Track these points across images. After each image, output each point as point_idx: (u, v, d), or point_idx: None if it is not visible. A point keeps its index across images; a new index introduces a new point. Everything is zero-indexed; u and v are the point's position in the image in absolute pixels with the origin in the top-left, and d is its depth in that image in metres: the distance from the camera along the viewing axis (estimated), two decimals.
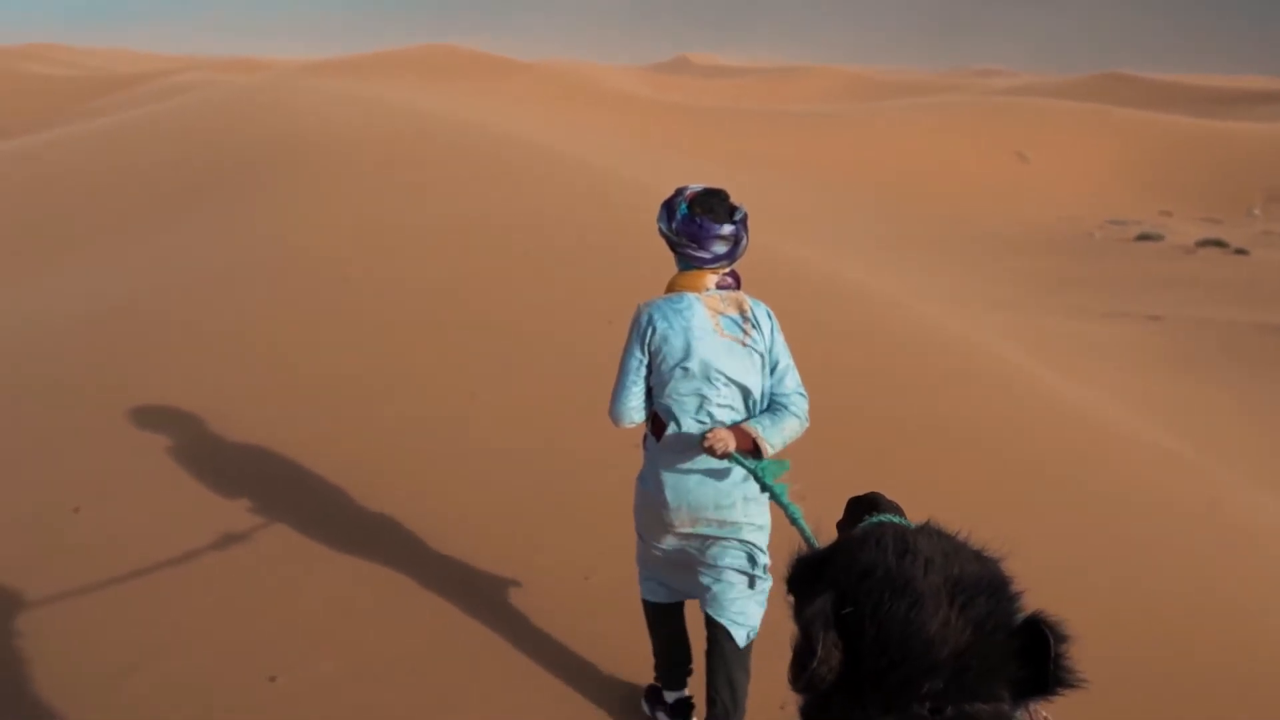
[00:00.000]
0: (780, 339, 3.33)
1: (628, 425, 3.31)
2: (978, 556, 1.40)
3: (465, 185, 10.78)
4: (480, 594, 4.25)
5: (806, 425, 3.27)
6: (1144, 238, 21.77)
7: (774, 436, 3.16)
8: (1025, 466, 6.09)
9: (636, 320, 3.27)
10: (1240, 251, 20.03)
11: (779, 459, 3.14)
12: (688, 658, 3.62)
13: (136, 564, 4.41)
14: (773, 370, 3.30)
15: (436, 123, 14.70)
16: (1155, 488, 6.22)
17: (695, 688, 3.63)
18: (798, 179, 25.05)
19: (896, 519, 1.65)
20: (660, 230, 3.31)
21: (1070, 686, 1.28)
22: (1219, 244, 20.63)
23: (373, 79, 24.76)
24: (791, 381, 3.30)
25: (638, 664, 3.83)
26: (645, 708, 3.72)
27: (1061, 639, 1.28)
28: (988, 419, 6.80)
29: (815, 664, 1.27)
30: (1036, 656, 1.28)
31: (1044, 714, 1.37)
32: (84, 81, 40.78)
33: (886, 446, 6.07)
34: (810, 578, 1.43)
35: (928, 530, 1.45)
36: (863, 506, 1.78)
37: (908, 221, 22.34)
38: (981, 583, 1.32)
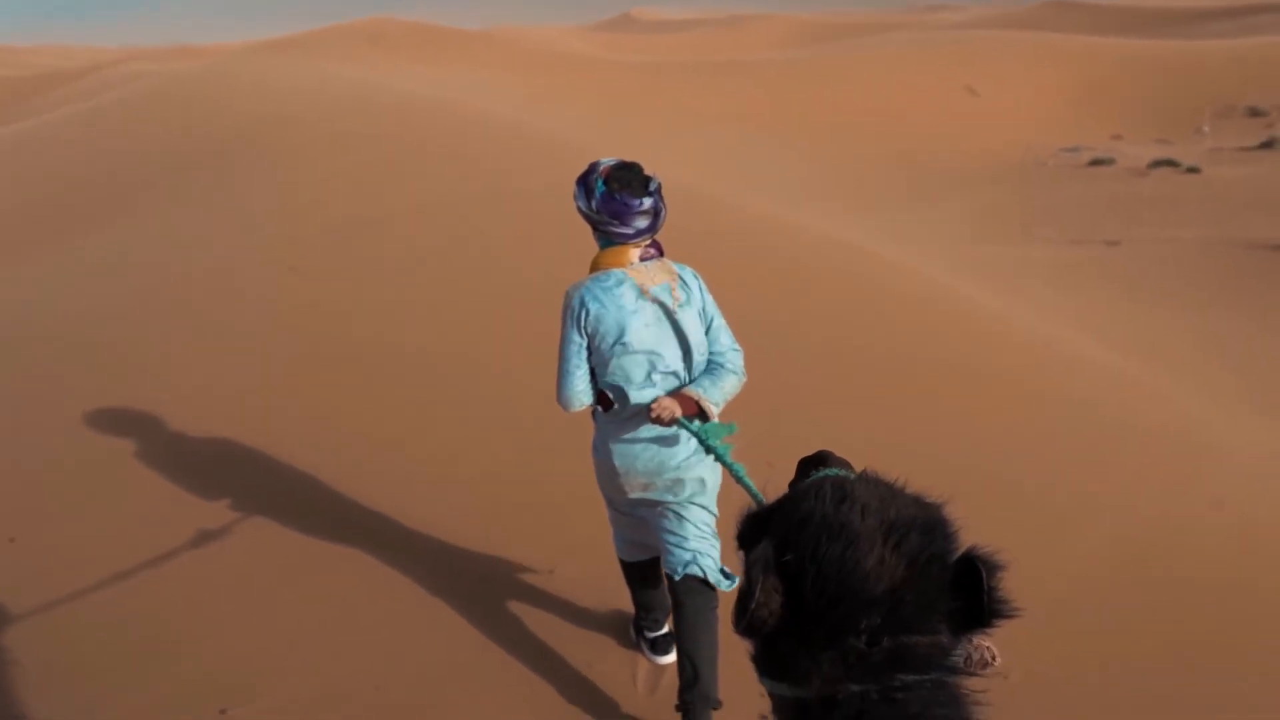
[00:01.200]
0: (710, 299, 3.40)
1: (577, 409, 3.38)
2: (916, 501, 1.47)
3: (417, 164, 10.66)
4: (442, 598, 4.23)
5: (744, 379, 3.38)
6: (1096, 163, 21.88)
7: (716, 395, 3.25)
8: (982, 387, 6.18)
9: (568, 305, 3.31)
10: (1191, 170, 20.17)
11: (725, 422, 3.20)
12: (665, 604, 3.78)
13: (87, 584, 4.29)
14: (706, 330, 3.37)
15: (386, 97, 14.51)
16: (1117, 407, 6.31)
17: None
18: (745, 128, 24.93)
19: (842, 472, 1.70)
20: (579, 209, 3.33)
21: (1006, 617, 1.33)
22: (1170, 164, 20.75)
23: (316, 56, 24.32)
24: (725, 339, 3.39)
25: (603, 659, 3.91)
26: (632, 633, 3.97)
27: (994, 571, 1.34)
28: (945, 346, 6.88)
29: (754, 605, 1.33)
30: (971, 590, 1.33)
31: (986, 644, 1.43)
32: (21, 81, 39.84)
33: (857, 379, 6.17)
34: (757, 530, 1.50)
35: (866, 479, 1.53)
36: (811, 463, 1.84)
37: (859, 162, 22.33)
38: (915, 522, 1.39)
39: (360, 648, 3.95)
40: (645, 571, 3.71)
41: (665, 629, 3.86)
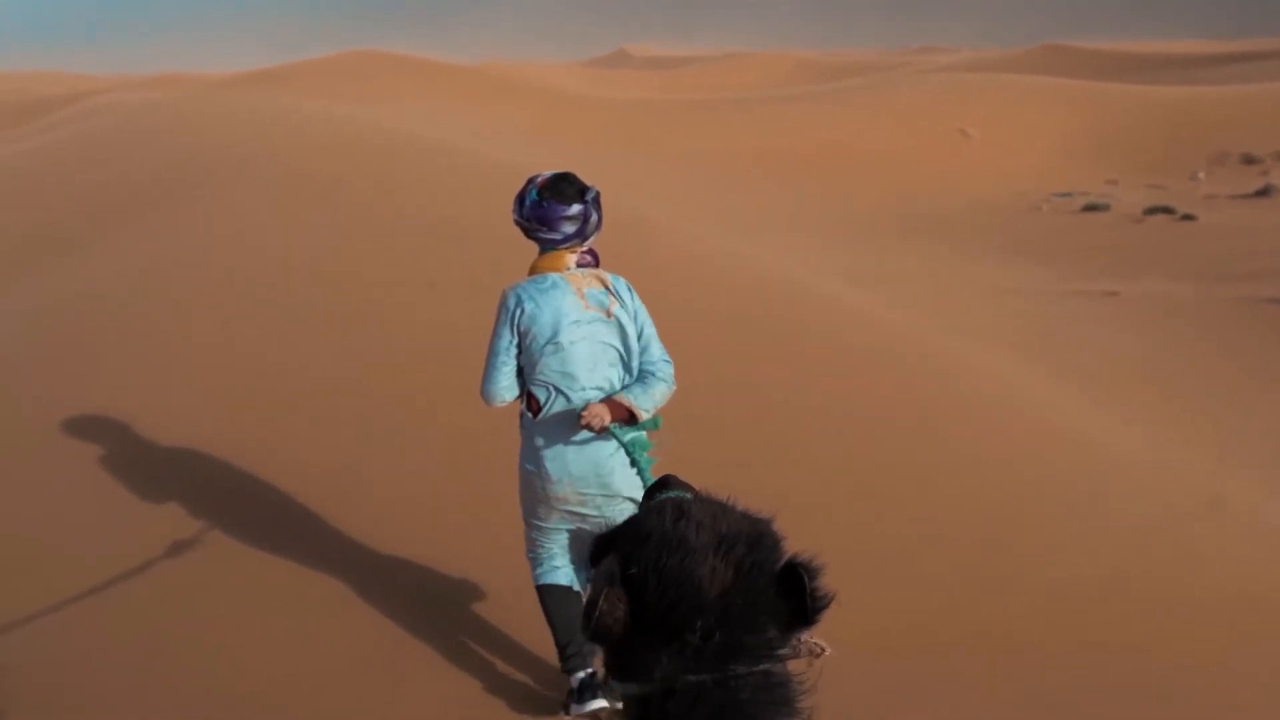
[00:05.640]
0: (643, 310, 3.53)
1: (498, 404, 3.50)
2: (745, 516, 1.65)
3: (374, 197, 10.29)
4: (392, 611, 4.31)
5: (674, 388, 3.50)
6: (1091, 208, 21.50)
7: (646, 403, 3.37)
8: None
9: (504, 303, 3.45)
10: (1187, 217, 19.78)
11: (652, 418, 3.38)
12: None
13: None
14: (638, 339, 3.48)
15: (350, 130, 14.13)
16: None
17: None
18: (727, 167, 24.56)
19: (683, 494, 1.84)
20: (514, 219, 3.49)
21: (826, 609, 1.52)
22: (1166, 210, 20.37)
23: (294, 89, 23.96)
24: (656, 349, 3.52)
25: (539, 660, 3.92)
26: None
27: (814, 575, 1.53)
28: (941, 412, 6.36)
29: (598, 614, 1.49)
30: (796, 592, 1.52)
31: (814, 640, 1.60)
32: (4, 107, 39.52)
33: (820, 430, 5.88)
34: (605, 549, 1.65)
35: (700, 499, 1.71)
36: (656, 487, 1.98)
37: (848, 204, 21.91)
38: (742, 535, 1.57)
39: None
40: (568, 597, 3.65)
41: (591, 668, 3.61)
